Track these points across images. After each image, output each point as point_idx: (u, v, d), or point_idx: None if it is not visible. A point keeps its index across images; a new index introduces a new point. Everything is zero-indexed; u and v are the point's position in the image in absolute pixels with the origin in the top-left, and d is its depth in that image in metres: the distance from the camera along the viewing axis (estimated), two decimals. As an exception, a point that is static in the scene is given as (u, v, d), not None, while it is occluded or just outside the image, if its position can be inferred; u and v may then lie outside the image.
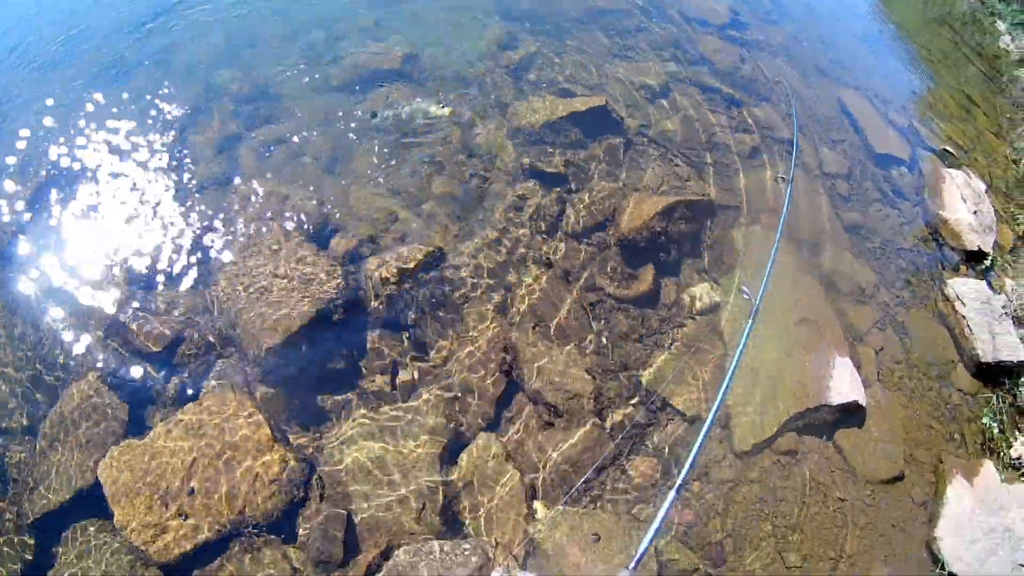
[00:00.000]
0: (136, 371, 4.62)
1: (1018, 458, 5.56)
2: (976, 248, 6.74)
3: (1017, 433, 5.69)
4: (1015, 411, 5.77)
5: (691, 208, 5.77)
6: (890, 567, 4.77)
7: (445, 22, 7.64)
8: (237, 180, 5.67)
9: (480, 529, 4.26)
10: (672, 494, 3.16)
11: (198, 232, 5.29)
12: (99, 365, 4.61)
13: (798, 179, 6.58)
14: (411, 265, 5.08)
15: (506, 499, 4.36)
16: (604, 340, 5.22)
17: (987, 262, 6.70)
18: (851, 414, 5.16)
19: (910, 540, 4.92)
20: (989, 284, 6.46)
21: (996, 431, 5.56)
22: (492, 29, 7.53)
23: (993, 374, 5.85)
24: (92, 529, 4.04)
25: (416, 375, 4.85)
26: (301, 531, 4.11)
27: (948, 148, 7.92)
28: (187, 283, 5.04)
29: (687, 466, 3.34)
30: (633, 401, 4.97)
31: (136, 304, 4.88)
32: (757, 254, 5.72)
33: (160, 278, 5.05)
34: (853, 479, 5.01)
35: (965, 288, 6.20)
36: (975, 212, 6.98)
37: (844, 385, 5.13)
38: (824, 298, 5.65)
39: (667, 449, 4.84)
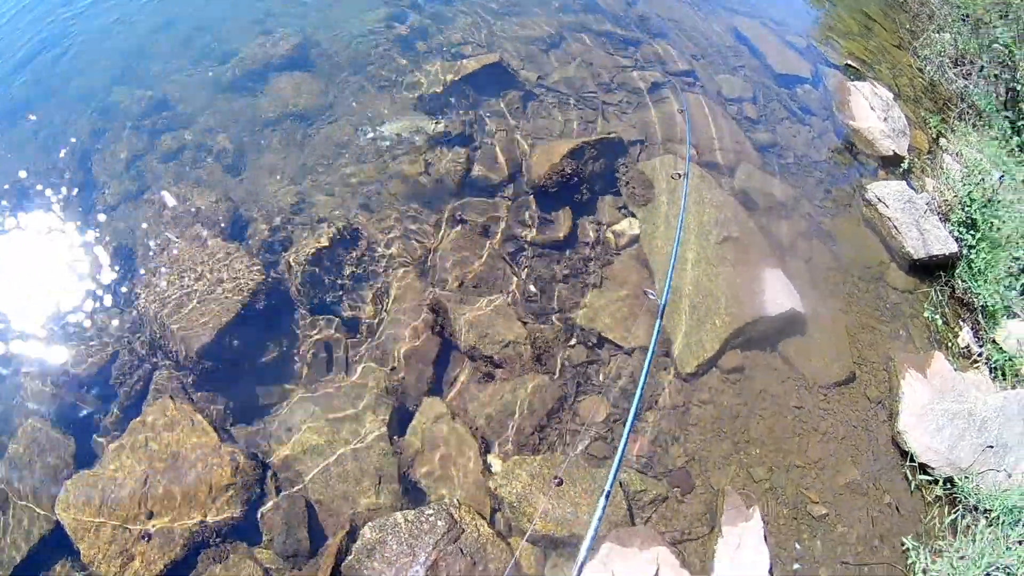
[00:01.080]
0: (76, 401, 4.68)
1: (967, 347, 5.96)
2: (891, 153, 7.24)
3: (961, 323, 6.11)
4: (956, 302, 6.20)
5: (599, 147, 6.04)
6: (860, 468, 5.06)
7: (331, 5, 7.88)
8: (148, 193, 5.81)
9: (441, 493, 4.43)
10: (603, 501, 3.32)
11: (116, 251, 5.40)
12: (38, 403, 4.63)
13: (703, 104, 7.00)
14: (325, 243, 5.31)
15: (460, 459, 4.55)
16: (532, 287, 5.44)
17: (904, 165, 7.20)
18: (791, 323, 5.49)
19: (875, 439, 5.25)
20: (910, 185, 6.93)
21: (940, 323, 5.97)
22: (379, 5, 7.78)
23: (928, 269, 6.29)
24: (63, 573, 4.06)
25: (350, 351, 5.05)
26: (265, 529, 4.21)
27: (851, 63, 8.49)
28: (112, 303, 5.13)
29: (616, 462, 3.51)
30: (571, 342, 5.19)
31: (65, 334, 4.94)
32: (672, 182, 6.05)
33: (85, 304, 5.11)
34: (805, 386, 5.32)
35: (886, 190, 6.63)
36: (885, 119, 7.50)
37: (778, 295, 5.45)
38: (745, 215, 5.98)
39: (612, 384, 5.06)
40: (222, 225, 5.50)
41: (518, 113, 6.69)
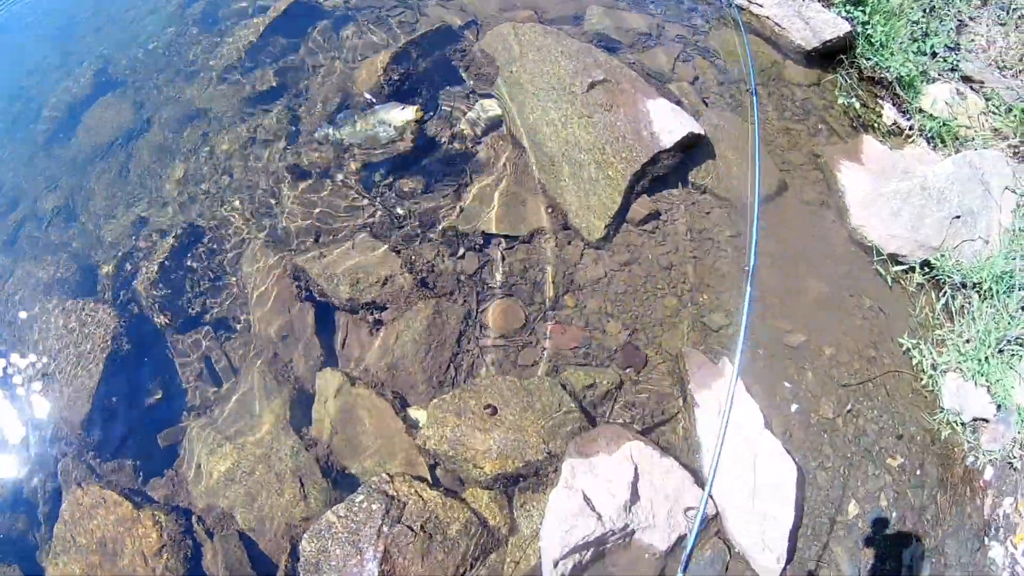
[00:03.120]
0: (7, 527, 4.45)
1: (894, 123, 5.64)
2: (748, -43, 6.83)
3: (880, 101, 5.75)
4: (867, 82, 5.85)
5: (426, 43, 5.61)
6: (825, 280, 4.68)
7: (122, 18, 7.41)
8: (-6, 289, 5.58)
9: (372, 471, 4.07)
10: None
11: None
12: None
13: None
14: (167, 254, 5.09)
15: (377, 426, 4.17)
16: (398, 211, 5.01)
17: (767, -34, 6.79)
18: (695, 149, 5.04)
19: (830, 244, 4.86)
20: (777, -19, 6.53)
21: (859, 106, 5.64)
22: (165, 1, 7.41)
23: (826, 57, 5.92)
24: None
25: (230, 355, 4.82)
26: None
27: None
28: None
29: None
30: (459, 254, 4.74)
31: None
32: (515, 49, 5.52)
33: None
34: (734, 210, 4.88)
35: (754, -10, 6.21)
36: (728, -74, 7.08)
37: (670, 124, 4.94)
38: (606, 56, 5.47)
39: (518, 280, 4.60)
40: (70, 283, 5.26)
41: (332, 42, 6.25)
